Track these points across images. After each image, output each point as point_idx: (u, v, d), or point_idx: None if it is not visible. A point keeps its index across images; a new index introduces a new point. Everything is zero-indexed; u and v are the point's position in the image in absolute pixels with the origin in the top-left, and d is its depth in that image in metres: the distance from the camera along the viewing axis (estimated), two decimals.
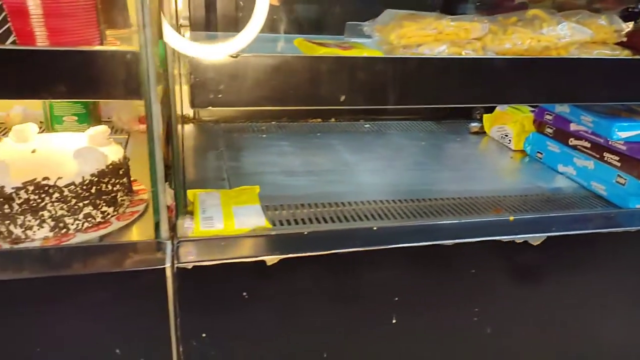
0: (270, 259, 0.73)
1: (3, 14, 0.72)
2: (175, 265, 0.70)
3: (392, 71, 0.77)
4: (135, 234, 0.80)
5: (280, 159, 1.21)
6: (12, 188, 0.71)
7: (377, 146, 1.35)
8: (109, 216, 0.81)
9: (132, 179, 0.91)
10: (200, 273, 0.71)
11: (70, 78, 0.72)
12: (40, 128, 1.26)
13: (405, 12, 0.99)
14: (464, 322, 0.87)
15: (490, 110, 1.50)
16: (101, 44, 0.83)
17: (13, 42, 0.73)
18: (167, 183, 0.75)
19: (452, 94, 0.85)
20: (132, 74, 0.75)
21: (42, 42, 0.75)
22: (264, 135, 1.37)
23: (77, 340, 0.71)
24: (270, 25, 1.32)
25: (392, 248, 0.79)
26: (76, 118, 1.24)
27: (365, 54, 0.83)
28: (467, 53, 0.90)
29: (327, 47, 0.88)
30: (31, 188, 0.72)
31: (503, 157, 1.33)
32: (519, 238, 0.84)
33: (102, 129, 0.91)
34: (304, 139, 1.36)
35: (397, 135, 1.46)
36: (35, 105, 1.28)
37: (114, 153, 0.84)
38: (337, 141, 1.36)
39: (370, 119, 1.55)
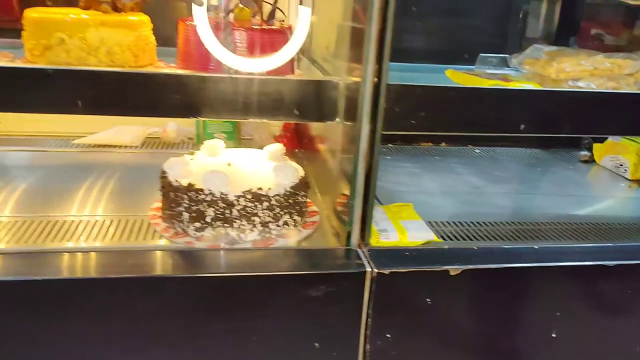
0: (454, 270, 0.81)
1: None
2: (375, 271, 0.79)
3: (564, 102, 0.85)
4: (320, 241, 0.90)
5: (412, 179, 1.29)
6: (235, 196, 0.83)
7: (496, 170, 1.41)
8: (298, 224, 0.91)
9: None
10: (394, 279, 0.80)
11: (280, 102, 0.84)
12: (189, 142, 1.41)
13: (552, 48, 1.07)
14: (620, 340, 0.92)
15: (601, 140, 1.54)
16: (293, 73, 0.96)
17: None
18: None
19: (610, 124, 0.92)
20: (330, 100, 0.86)
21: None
22: (388, 157, 1.46)
23: (283, 333, 0.81)
24: (401, 55, 1.42)
25: (559, 266, 0.85)
26: (225, 135, 1.38)
27: (533, 86, 0.92)
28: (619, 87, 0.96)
29: (489, 79, 0.97)
30: (249, 196, 0.83)
31: (621, 185, 1.36)
32: None
33: (279, 147, 1.03)
34: (425, 162, 1.45)
35: (510, 161, 1.52)
36: (186, 123, 1.43)
37: (299, 169, 0.95)
38: (456, 164, 1.43)
39: (479, 144, 1.62)
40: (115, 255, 0.80)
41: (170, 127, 1.41)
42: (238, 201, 0.83)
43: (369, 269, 0.79)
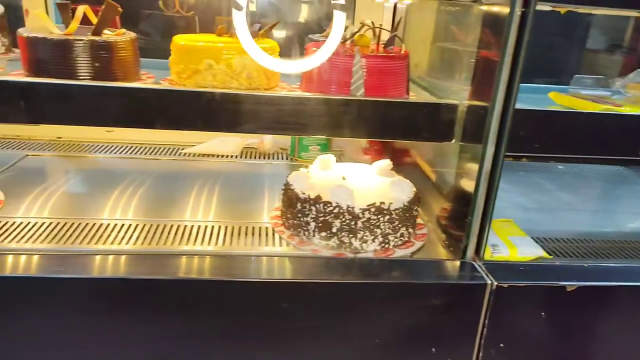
0: (570, 286, 0.85)
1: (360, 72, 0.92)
2: (495, 284, 0.84)
3: None
4: (432, 253, 0.96)
5: (503, 194, 1.33)
6: (360, 209, 0.90)
7: (583, 187, 1.43)
8: (411, 236, 0.97)
9: None
10: (512, 292, 0.84)
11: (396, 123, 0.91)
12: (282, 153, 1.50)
13: None
14: None
15: None
16: (408, 94, 1.02)
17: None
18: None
19: None
20: (448, 121, 0.92)
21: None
22: None
23: (403, 336, 0.87)
24: None
25: None
26: (319, 147, 1.46)
27: None
28: None
29: (597, 103, 1.00)
30: (372, 209, 0.90)
31: None
32: None
33: (387, 162, 1.09)
34: (510, 176, 1.48)
35: (595, 178, 1.53)
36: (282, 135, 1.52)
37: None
38: (541, 180, 1.46)
39: (561, 160, 1.64)
40: (254, 260, 0.89)
41: (267, 138, 1.50)
42: (363, 214, 0.90)
43: (489, 282, 0.84)
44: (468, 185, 0.89)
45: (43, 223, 0.98)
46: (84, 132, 1.50)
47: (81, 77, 0.89)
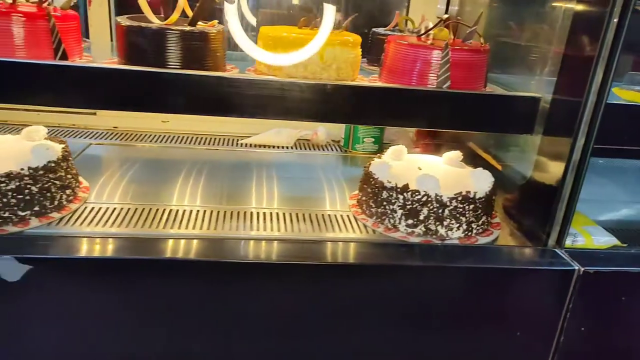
0: None
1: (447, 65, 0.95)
2: (581, 270, 0.88)
3: None
4: (510, 240, 1.00)
5: None
6: (448, 197, 0.93)
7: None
8: (489, 225, 1.01)
9: None
10: (597, 278, 0.88)
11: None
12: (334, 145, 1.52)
13: None
14: None
15: None
16: (485, 87, 1.05)
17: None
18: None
19: None
20: (529, 114, 0.96)
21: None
22: None
23: (489, 319, 0.91)
24: None
25: None
26: (372, 140, 1.49)
27: None
28: None
29: None
30: (459, 198, 0.93)
31: None
32: None
33: (457, 154, 1.13)
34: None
35: None
36: (334, 127, 1.55)
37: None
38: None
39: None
40: (347, 245, 0.92)
41: (320, 130, 1.53)
42: (450, 202, 0.93)
43: (576, 268, 0.88)
44: (552, 175, 0.93)
45: (122, 209, 1.00)
46: (138, 122, 1.51)
47: (175, 67, 0.91)
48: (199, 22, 0.96)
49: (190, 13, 0.96)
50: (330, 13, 0.87)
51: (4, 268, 0.75)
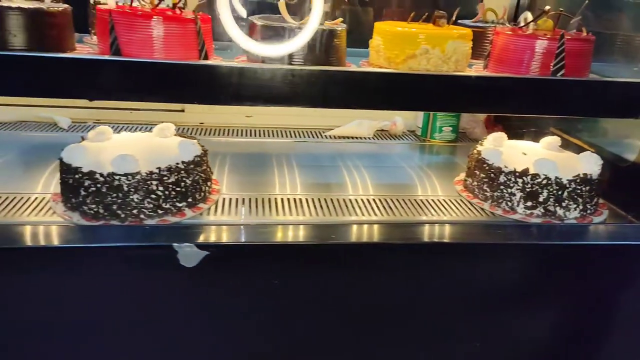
0: None
1: None
2: None
3: None
4: (617, 220, 1.06)
5: None
6: (567, 180, 0.99)
7: None
8: (599, 206, 1.07)
9: None
10: None
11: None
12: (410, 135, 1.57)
13: None
14: None
15: None
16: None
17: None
18: None
19: None
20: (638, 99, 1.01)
21: None
22: None
23: (599, 295, 0.98)
24: None
25: None
26: (451, 129, 1.55)
27: None
28: None
29: None
30: (578, 180, 0.99)
31: None
32: None
33: (555, 139, 1.18)
34: None
35: None
36: (408, 118, 1.61)
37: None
38: None
39: None
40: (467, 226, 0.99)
41: (398, 121, 1.58)
42: (570, 184, 0.99)
43: None
44: None
45: (250, 199, 1.06)
46: (224, 117, 1.57)
47: (306, 63, 0.97)
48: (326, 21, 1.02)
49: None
50: (319, 4, 0.89)
51: (183, 255, 0.82)
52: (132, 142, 1.02)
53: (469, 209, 1.08)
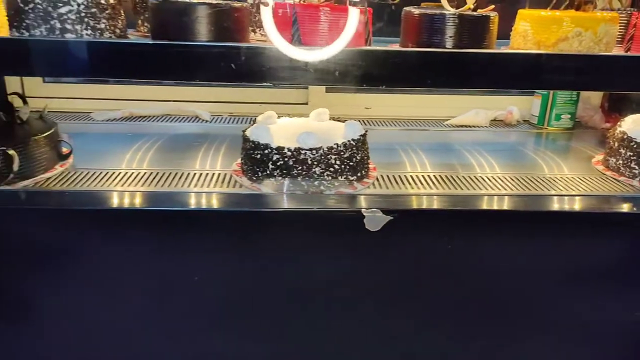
0: None
1: None
2: None
3: None
4: None
5: None
6: None
7: None
8: None
9: None
10: None
11: None
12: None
13: None
14: None
15: None
16: None
17: None
18: None
19: None
20: None
21: None
22: None
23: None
24: None
25: None
26: (569, 116, 1.57)
27: None
28: None
29: None
30: None
31: None
32: None
33: None
34: None
35: None
36: (524, 107, 1.64)
37: None
38: None
39: None
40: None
41: (514, 110, 1.62)
42: None
43: None
44: None
45: (400, 176, 1.13)
46: (343, 109, 1.64)
47: (456, 47, 1.04)
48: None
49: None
50: (354, 15, 0.93)
51: (370, 220, 0.90)
52: (299, 125, 1.12)
53: (614, 184, 1.11)
